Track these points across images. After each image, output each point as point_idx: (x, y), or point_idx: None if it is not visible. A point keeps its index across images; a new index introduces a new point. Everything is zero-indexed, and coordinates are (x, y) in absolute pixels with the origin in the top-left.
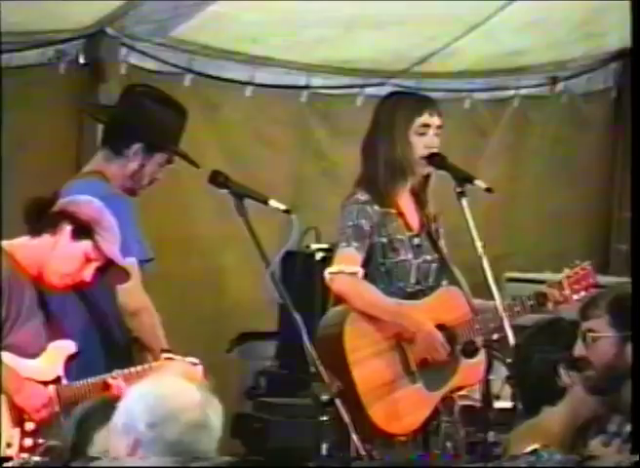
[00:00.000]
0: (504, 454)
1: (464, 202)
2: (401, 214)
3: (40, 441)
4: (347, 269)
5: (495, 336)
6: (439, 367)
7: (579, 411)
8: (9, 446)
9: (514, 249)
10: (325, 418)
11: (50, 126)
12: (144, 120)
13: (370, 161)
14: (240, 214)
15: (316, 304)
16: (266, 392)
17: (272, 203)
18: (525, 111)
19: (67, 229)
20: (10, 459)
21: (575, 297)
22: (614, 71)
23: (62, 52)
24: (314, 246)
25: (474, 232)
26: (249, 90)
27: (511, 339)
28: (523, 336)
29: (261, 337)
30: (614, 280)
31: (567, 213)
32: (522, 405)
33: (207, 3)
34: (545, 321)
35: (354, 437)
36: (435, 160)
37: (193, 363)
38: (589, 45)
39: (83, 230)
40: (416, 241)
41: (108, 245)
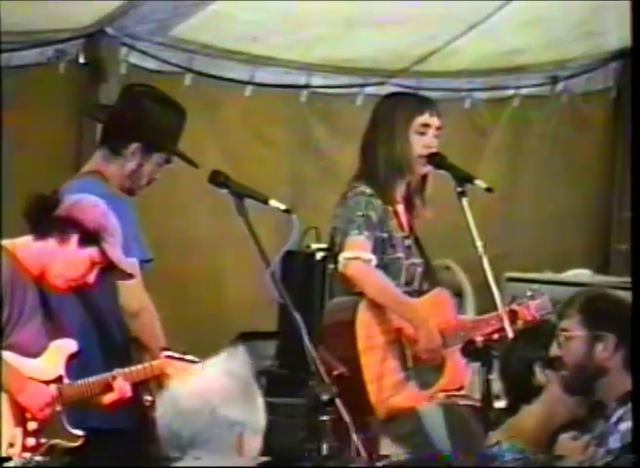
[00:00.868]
0: None
1: (465, 202)
2: (396, 214)
3: (42, 440)
4: (364, 255)
5: (495, 337)
6: (429, 367)
7: (555, 410)
8: (11, 445)
9: (514, 249)
10: (325, 418)
11: (49, 126)
12: (143, 120)
13: (369, 158)
14: (240, 214)
15: (316, 304)
16: (266, 392)
17: (272, 202)
18: (525, 111)
19: (74, 237)
20: (12, 459)
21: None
22: (613, 71)
23: (62, 51)
24: (314, 246)
25: (474, 232)
26: (249, 89)
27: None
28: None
29: (261, 337)
30: (614, 280)
31: (567, 212)
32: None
33: (207, 2)
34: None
35: (354, 437)
36: (435, 160)
37: (192, 361)
38: (589, 44)
39: (90, 238)
40: (407, 242)
41: (114, 250)
